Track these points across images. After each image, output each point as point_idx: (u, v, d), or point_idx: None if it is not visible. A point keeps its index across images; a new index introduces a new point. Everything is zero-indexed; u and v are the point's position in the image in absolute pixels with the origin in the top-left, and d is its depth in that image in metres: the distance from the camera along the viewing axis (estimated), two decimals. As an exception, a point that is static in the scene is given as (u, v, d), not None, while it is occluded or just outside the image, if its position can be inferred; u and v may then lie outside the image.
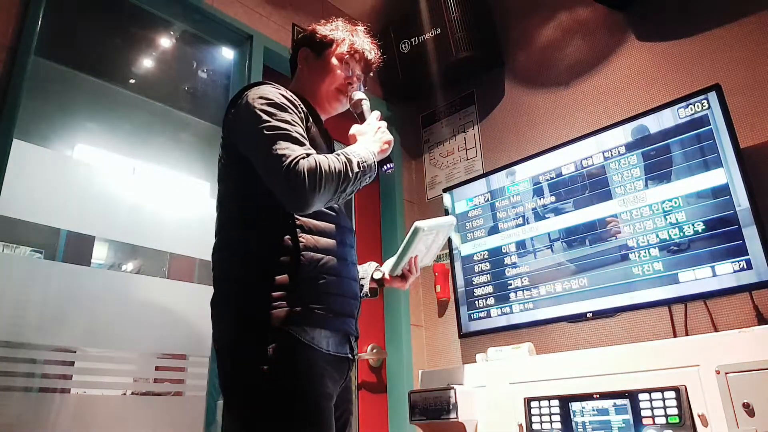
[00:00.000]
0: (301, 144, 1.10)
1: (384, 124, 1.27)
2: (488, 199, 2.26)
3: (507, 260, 2.13)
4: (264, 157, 1.07)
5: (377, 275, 1.43)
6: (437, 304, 2.49)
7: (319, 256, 1.14)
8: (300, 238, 1.13)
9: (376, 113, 1.31)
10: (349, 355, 1.19)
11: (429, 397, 1.84)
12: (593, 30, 2.24)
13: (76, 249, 1.72)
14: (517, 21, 2.52)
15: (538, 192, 2.10)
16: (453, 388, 1.79)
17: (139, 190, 1.79)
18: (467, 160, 2.57)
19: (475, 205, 2.29)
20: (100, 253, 1.84)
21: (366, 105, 1.33)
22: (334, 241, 1.18)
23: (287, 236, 1.12)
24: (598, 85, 2.17)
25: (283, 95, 1.17)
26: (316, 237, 1.15)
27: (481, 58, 2.46)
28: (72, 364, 1.54)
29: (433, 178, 2.71)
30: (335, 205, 1.23)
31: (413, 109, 2.86)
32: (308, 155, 1.06)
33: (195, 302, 1.78)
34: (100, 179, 1.71)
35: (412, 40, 2.52)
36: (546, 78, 2.36)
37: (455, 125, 2.68)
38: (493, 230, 2.21)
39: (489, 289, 2.16)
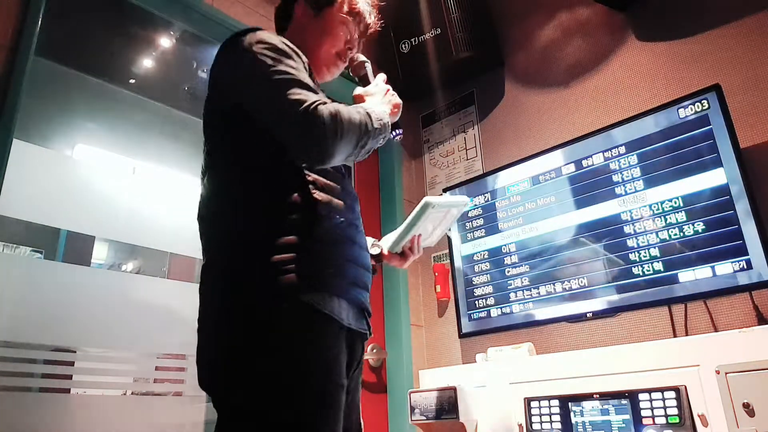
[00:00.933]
0: (314, 91, 0.99)
1: (390, 87, 1.20)
2: (488, 199, 2.26)
3: (507, 260, 2.13)
4: (274, 103, 0.96)
5: (374, 251, 1.29)
6: (437, 304, 2.49)
7: (335, 216, 1.02)
8: (314, 196, 1.00)
9: (382, 76, 1.23)
10: (367, 332, 1.06)
11: (429, 397, 1.84)
12: (593, 30, 2.24)
13: (76, 249, 1.72)
14: (517, 21, 2.52)
15: (538, 192, 2.10)
16: (453, 388, 1.79)
17: (139, 190, 1.79)
18: (467, 160, 2.57)
19: (475, 205, 2.29)
20: (100, 253, 1.84)
21: (369, 67, 1.26)
22: (344, 203, 1.06)
23: (297, 194, 0.99)
24: (598, 85, 2.17)
25: (285, 42, 1.06)
26: (331, 196, 1.02)
27: (481, 58, 2.46)
28: (72, 364, 1.54)
29: (433, 178, 2.71)
30: (342, 168, 1.12)
31: (413, 109, 2.86)
32: (325, 102, 0.96)
33: (195, 302, 1.77)
34: (100, 179, 1.71)
35: (412, 40, 2.52)
36: (546, 78, 2.36)
37: (455, 125, 2.68)
38: (493, 230, 2.21)
39: (489, 289, 2.16)
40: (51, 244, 1.70)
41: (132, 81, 2.06)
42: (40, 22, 1.61)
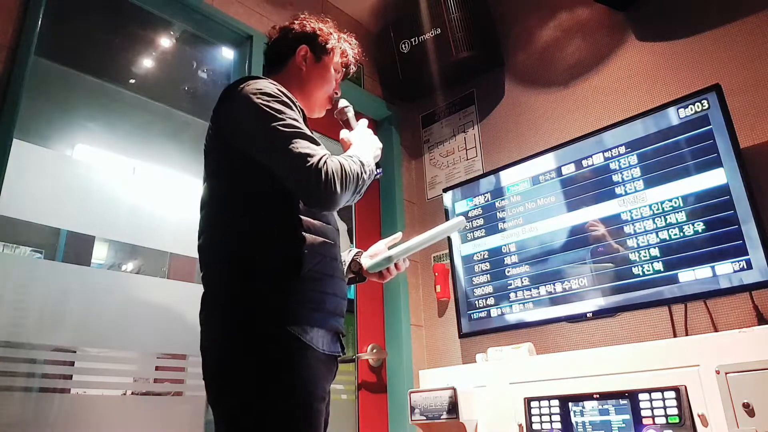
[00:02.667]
0: (317, 144, 1.10)
1: (371, 131, 1.33)
2: (488, 199, 2.26)
3: (507, 260, 2.13)
4: (283, 156, 1.05)
5: (366, 262, 1.39)
6: (437, 304, 2.49)
7: (319, 255, 1.13)
8: (303, 238, 1.11)
9: (365, 121, 1.35)
10: (340, 353, 1.19)
11: (429, 397, 1.84)
12: (593, 30, 2.24)
13: (76, 249, 1.72)
14: (517, 21, 2.52)
15: (538, 192, 2.10)
16: (453, 388, 1.79)
17: (139, 190, 1.79)
18: (467, 160, 2.57)
19: (475, 205, 2.29)
20: (100, 253, 1.84)
21: (351, 112, 1.38)
22: (328, 240, 1.18)
23: (288, 234, 1.11)
24: (598, 85, 2.17)
25: (283, 92, 1.16)
26: (315, 236, 1.14)
27: (481, 58, 2.46)
28: (72, 364, 1.55)
29: (433, 178, 2.71)
30: None
31: (413, 109, 2.86)
32: (329, 156, 1.07)
33: (195, 302, 1.76)
34: (100, 179, 1.71)
35: (412, 40, 2.52)
36: (546, 78, 2.36)
37: (455, 125, 2.68)
38: (493, 230, 2.21)
39: (489, 289, 2.16)
40: (51, 244, 1.70)
41: (132, 81, 2.06)
42: (40, 22, 1.61)
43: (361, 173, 1.13)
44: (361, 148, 1.23)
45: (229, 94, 1.17)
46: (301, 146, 1.05)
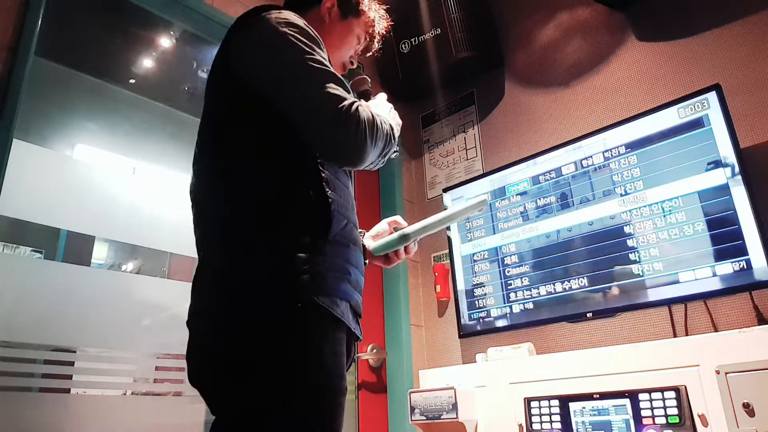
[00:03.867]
0: (348, 90, 0.95)
1: (391, 105, 1.20)
2: (488, 199, 2.26)
3: (507, 260, 2.13)
4: (312, 95, 0.90)
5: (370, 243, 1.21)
6: (437, 304, 2.49)
7: (344, 217, 0.97)
8: (329, 195, 0.94)
9: (383, 95, 1.22)
10: (360, 338, 1.04)
11: (429, 397, 1.84)
12: (593, 30, 2.24)
13: (76, 249, 1.72)
14: (516, 21, 2.52)
15: (538, 192, 2.10)
16: (453, 388, 1.79)
17: (138, 190, 1.79)
18: (467, 160, 2.57)
19: (475, 205, 2.29)
20: (100, 253, 1.84)
21: (369, 85, 1.27)
22: (350, 204, 1.02)
23: (312, 191, 0.93)
24: (598, 85, 2.17)
25: (311, 29, 0.99)
26: (341, 196, 0.98)
27: (481, 58, 2.46)
28: (72, 364, 1.54)
29: (433, 178, 2.71)
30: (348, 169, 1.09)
31: (413, 109, 2.86)
32: (361, 104, 0.93)
33: (195, 302, 1.78)
34: (100, 179, 1.71)
35: (412, 40, 2.52)
36: (546, 78, 2.36)
37: (455, 125, 2.68)
38: (493, 230, 2.21)
39: (489, 289, 2.16)
40: (51, 244, 1.70)
41: (132, 81, 2.06)
42: (40, 22, 1.61)
43: (391, 134, 0.99)
44: (383, 116, 1.07)
45: (248, 21, 0.99)
46: (332, 88, 0.90)
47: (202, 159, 1.03)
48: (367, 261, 1.20)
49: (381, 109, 1.11)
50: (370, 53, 1.31)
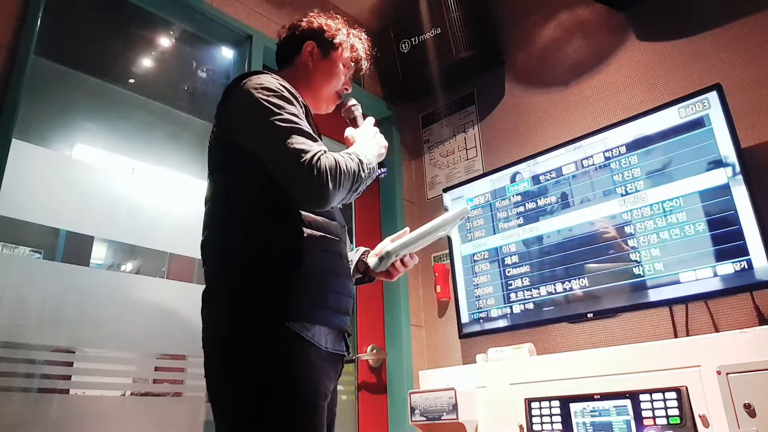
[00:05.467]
0: (314, 140, 1.08)
1: (378, 130, 1.31)
2: (488, 199, 2.25)
3: (507, 260, 2.13)
4: (277, 150, 1.05)
5: (371, 261, 1.33)
6: (437, 304, 2.48)
7: (320, 250, 1.12)
8: (303, 232, 1.10)
9: (371, 119, 1.33)
10: (345, 353, 1.17)
11: (429, 398, 1.84)
12: (593, 30, 2.24)
13: (75, 249, 1.72)
14: (517, 20, 2.52)
15: (538, 192, 2.09)
16: (453, 388, 1.79)
17: (138, 190, 1.79)
18: (467, 160, 2.57)
19: (475, 205, 2.29)
20: (99, 253, 1.84)
21: (358, 110, 1.36)
22: (331, 236, 1.16)
23: (289, 230, 1.10)
24: (598, 85, 2.17)
25: (285, 87, 1.15)
26: (315, 231, 1.13)
27: (481, 58, 2.46)
28: (71, 364, 1.54)
29: (433, 178, 2.70)
30: None
31: (413, 109, 2.86)
32: (325, 152, 1.06)
33: (194, 302, 1.76)
34: (99, 179, 1.70)
35: (412, 39, 2.52)
36: (546, 78, 2.35)
37: (455, 125, 2.67)
38: (493, 230, 2.20)
39: (489, 289, 2.16)
40: (50, 244, 1.70)
41: (132, 81, 2.06)
42: (39, 22, 1.61)
43: (359, 171, 1.11)
44: (364, 145, 1.21)
45: (232, 91, 1.17)
46: (297, 142, 1.04)
47: (206, 204, 1.20)
48: (374, 277, 1.36)
49: (362, 139, 1.24)
50: (362, 72, 1.42)
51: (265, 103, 1.08)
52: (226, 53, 2.28)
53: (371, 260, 1.34)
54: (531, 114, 2.37)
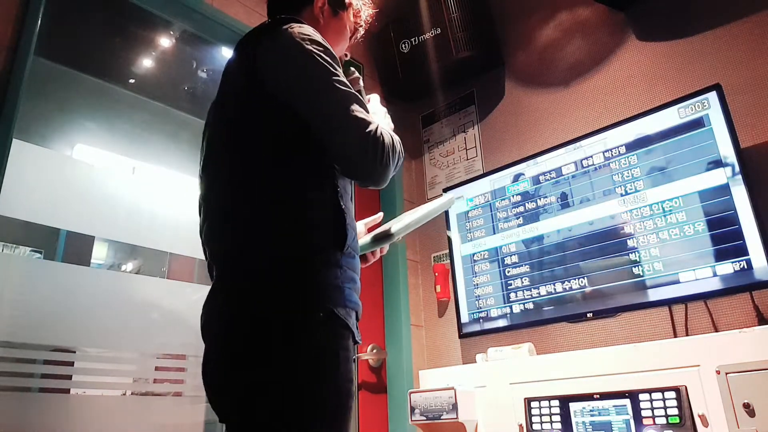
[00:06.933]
0: (368, 112, 0.98)
1: (385, 109, 1.22)
2: (488, 199, 2.25)
3: (507, 260, 2.13)
4: (340, 118, 0.92)
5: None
6: (437, 304, 2.48)
7: (353, 228, 0.99)
8: (344, 209, 0.96)
9: (377, 96, 1.22)
10: (360, 340, 1.04)
11: (429, 398, 1.84)
12: (593, 30, 2.24)
13: (75, 249, 1.72)
14: (517, 21, 2.52)
15: (538, 192, 2.10)
16: (453, 388, 1.79)
17: (138, 190, 1.79)
18: (467, 160, 2.57)
19: (475, 205, 2.29)
20: (99, 253, 1.84)
21: (362, 83, 1.23)
22: (353, 212, 1.05)
23: (333, 202, 0.95)
24: (598, 85, 2.17)
25: (331, 48, 1.00)
26: (349, 206, 1.00)
27: (481, 58, 2.46)
28: (72, 364, 1.54)
29: (433, 178, 2.71)
30: None
31: (413, 109, 2.86)
32: (380, 126, 0.96)
33: (194, 302, 1.78)
34: (99, 179, 1.71)
35: (412, 40, 2.52)
36: (546, 78, 2.35)
37: (455, 125, 2.67)
38: (493, 230, 2.21)
39: (489, 289, 2.16)
40: (51, 244, 1.70)
41: (132, 81, 2.06)
42: (39, 22, 1.61)
43: (401, 148, 1.00)
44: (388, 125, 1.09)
45: (272, 34, 0.99)
46: (358, 110, 0.93)
47: (215, 164, 1.04)
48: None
49: (379, 117, 1.11)
50: (356, 40, 1.30)
51: (320, 59, 0.94)
52: (227, 53, 2.28)
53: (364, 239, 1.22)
54: (531, 114, 2.37)
